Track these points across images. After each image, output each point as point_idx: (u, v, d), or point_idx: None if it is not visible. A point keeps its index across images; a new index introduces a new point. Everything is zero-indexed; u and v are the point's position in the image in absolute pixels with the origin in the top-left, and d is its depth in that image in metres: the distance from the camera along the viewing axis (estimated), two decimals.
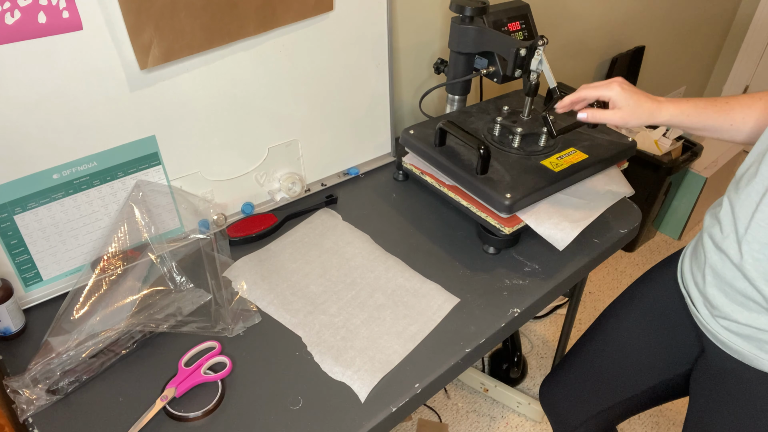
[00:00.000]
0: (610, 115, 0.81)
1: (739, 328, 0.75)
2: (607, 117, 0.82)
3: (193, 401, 0.79)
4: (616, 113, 0.81)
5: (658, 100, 0.82)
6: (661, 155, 1.95)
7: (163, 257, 0.93)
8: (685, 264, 0.86)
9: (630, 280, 2.03)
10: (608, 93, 0.82)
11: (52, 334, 0.83)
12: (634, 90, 0.83)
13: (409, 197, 1.17)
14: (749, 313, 0.73)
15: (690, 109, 0.81)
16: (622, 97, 0.81)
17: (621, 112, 0.81)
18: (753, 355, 0.75)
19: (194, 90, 0.94)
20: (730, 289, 0.75)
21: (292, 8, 0.97)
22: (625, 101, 0.81)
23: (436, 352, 0.85)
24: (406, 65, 1.36)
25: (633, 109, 0.81)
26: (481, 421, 1.57)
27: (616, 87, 0.82)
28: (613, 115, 0.81)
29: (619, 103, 0.81)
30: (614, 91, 0.81)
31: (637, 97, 0.82)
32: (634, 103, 0.81)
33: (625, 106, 0.81)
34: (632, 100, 0.81)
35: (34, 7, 0.73)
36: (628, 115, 0.81)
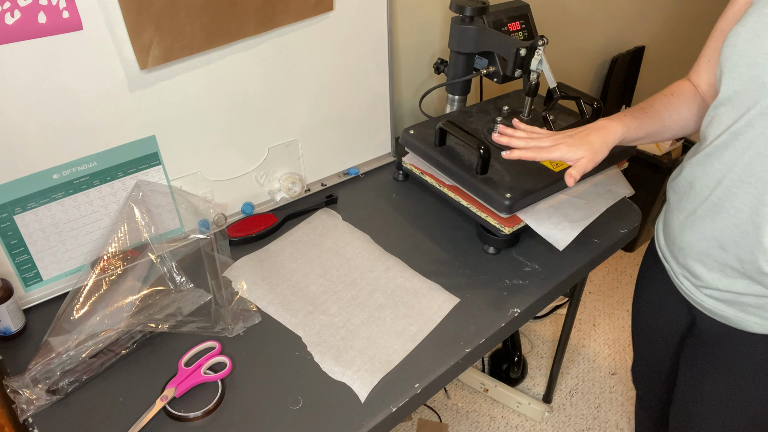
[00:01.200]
0: (583, 165, 0.83)
1: (721, 294, 0.80)
2: (582, 168, 0.83)
3: (193, 401, 0.79)
4: (584, 162, 0.82)
5: (603, 128, 0.84)
6: (661, 155, 1.95)
7: (163, 257, 0.93)
8: (661, 241, 0.91)
9: (630, 280, 2.03)
10: (559, 155, 0.83)
11: (52, 334, 0.83)
12: (578, 135, 0.84)
13: (409, 197, 1.17)
14: (728, 280, 0.77)
15: (632, 122, 0.85)
16: (573, 151, 0.82)
17: (585, 158, 0.82)
18: (737, 317, 0.79)
19: (194, 90, 0.94)
20: (707, 259, 0.79)
21: (292, 8, 0.97)
22: (580, 151, 0.82)
23: (436, 352, 0.85)
24: (406, 65, 1.36)
25: (592, 151, 0.83)
26: (481, 421, 1.57)
27: (563, 147, 0.83)
28: (585, 163, 0.83)
29: (575, 156, 0.82)
30: (563, 151, 0.82)
31: (586, 138, 0.83)
32: (588, 146, 0.83)
33: (583, 153, 0.82)
34: (585, 145, 0.83)
35: (34, 7, 0.73)
36: (593, 156, 0.83)
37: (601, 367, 1.73)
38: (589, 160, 0.82)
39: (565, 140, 0.84)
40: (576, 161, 0.83)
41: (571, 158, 0.83)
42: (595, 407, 1.61)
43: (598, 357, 1.76)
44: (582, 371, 1.71)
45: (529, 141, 0.86)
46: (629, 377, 1.69)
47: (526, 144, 0.85)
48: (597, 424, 1.57)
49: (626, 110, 0.88)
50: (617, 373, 1.71)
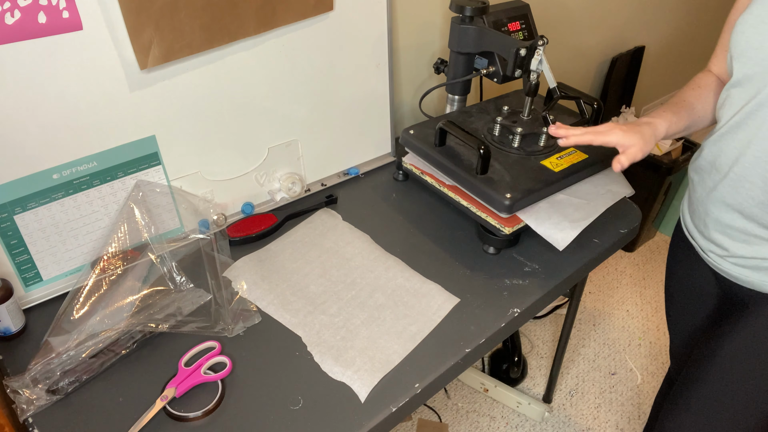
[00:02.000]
0: (633, 153, 0.86)
1: (746, 261, 0.85)
2: (632, 156, 0.86)
3: (193, 401, 0.79)
4: (635, 150, 0.86)
5: (650, 123, 0.89)
6: (661, 155, 1.95)
7: (163, 257, 0.93)
8: (687, 220, 0.97)
9: (630, 280, 2.03)
10: (614, 139, 0.87)
11: (52, 334, 0.83)
12: (630, 126, 0.88)
13: (409, 197, 1.17)
14: (752, 247, 0.83)
15: (673, 117, 0.90)
16: (627, 137, 0.86)
17: (637, 146, 0.86)
18: (761, 281, 0.85)
19: (194, 90, 0.94)
20: (731, 230, 0.85)
21: (292, 8, 0.97)
22: (632, 138, 0.86)
23: (436, 352, 0.85)
24: (406, 65, 1.36)
25: (643, 140, 0.86)
26: (481, 421, 1.57)
27: (617, 131, 0.87)
28: (635, 152, 0.86)
29: (628, 142, 0.86)
30: (618, 135, 0.86)
31: (637, 129, 0.88)
32: (639, 136, 0.87)
33: (635, 141, 0.86)
34: (637, 135, 0.87)
35: (34, 7, 0.73)
36: (644, 146, 0.86)
37: (601, 367, 1.73)
38: (639, 149, 0.86)
39: (620, 126, 0.88)
40: (627, 147, 0.86)
41: (624, 143, 0.86)
42: (595, 407, 1.61)
43: (598, 357, 1.76)
44: (582, 371, 1.71)
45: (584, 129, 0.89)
46: (629, 377, 1.69)
47: (582, 131, 0.89)
48: (597, 424, 1.57)
49: (663, 107, 0.93)
50: (617, 373, 1.71)
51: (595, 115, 1.09)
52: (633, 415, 1.60)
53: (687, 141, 2.06)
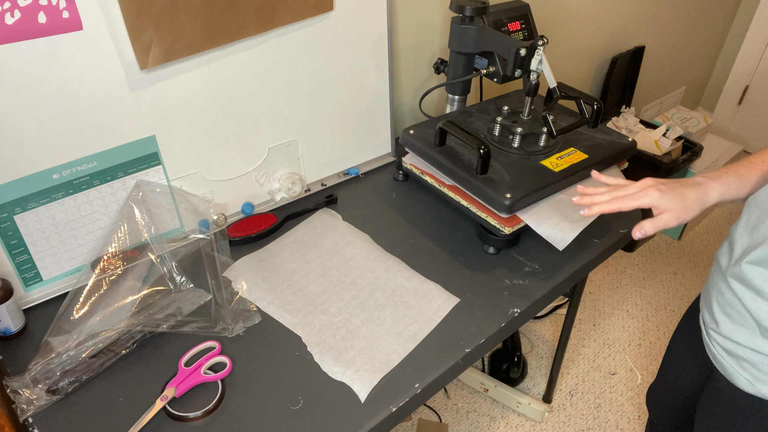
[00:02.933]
0: (665, 220, 0.75)
1: (723, 340, 0.78)
2: (662, 224, 0.75)
3: (193, 401, 0.79)
4: (669, 217, 0.75)
5: (700, 185, 0.76)
6: (661, 155, 1.95)
7: (163, 257, 0.93)
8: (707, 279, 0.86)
9: (630, 280, 2.03)
10: (648, 201, 0.75)
11: (52, 334, 0.83)
12: (671, 186, 0.76)
13: (409, 197, 1.17)
14: (733, 325, 0.75)
15: (734, 181, 0.77)
16: (664, 200, 0.75)
17: (673, 213, 0.75)
18: (732, 369, 0.77)
19: (194, 90, 0.94)
20: (721, 298, 0.77)
21: (292, 8, 0.97)
22: (670, 202, 0.75)
23: (436, 352, 0.85)
24: (406, 65, 1.36)
25: (683, 206, 0.75)
26: (481, 421, 1.57)
27: (653, 193, 0.75)
28: (668, 219, 0.75)
29: (664, 206, 0.75)
30: (653, 197, 0.75)
31: (680, 191, 0.76)
32: (680, 200, 0.75)
33: (673, 206, 0.75)
34: (677, 198, 0.75)
35: (34, 7, 0.73)
36: (681, 213, 0.75)
37: (601, 367, 1.73)
38: (675, 216, 0.74)
39: (657, 185, 0.76)
40: (662, 211, 0.75)
41: (660, 206, 0.75)
42: (595, 407, 1.61)
43: (598, 357, 1.76)
44: (582, 371, 1.71)
45: (614, 192, 0.79)
46: (629, 377, 1.69)
47: (612, 196, 0.78)
48: (597, 424, 1.57)
49: (730, 165, 0.79)
50: (617, 373, 1.71)
51: (595, 115, 1.09)
52: (633, 415, 1.60)
53: (687, 141, 2.06)
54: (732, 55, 2.67)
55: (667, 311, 1.91)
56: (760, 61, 2.56)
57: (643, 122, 2.11)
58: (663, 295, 1.97)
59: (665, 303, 1.95)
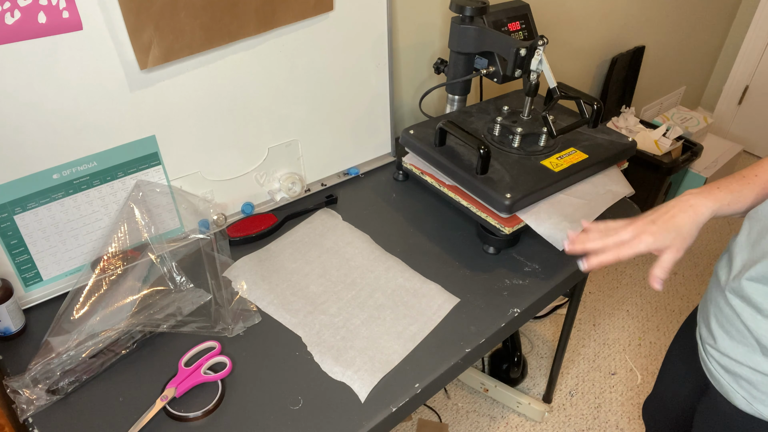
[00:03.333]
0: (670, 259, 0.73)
1: (721, 357, 0.76)
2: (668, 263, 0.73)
3: (193, 401, 0.79)
4: (671, 254, 0.73)
5: (691, 207, 0.74)
6: (661, 155, 1.95)
7: (163, 257, 0.93)
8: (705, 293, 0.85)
9: (630, 280, 2.03)
10: (644, 248, 0.73)
11: (52, 334, 0.83)
12: (662, 220, 0.74)
13: (409, 197, 1.17)
14: (731, 342, 0.73)
15: (726, 197, 0.75)
16: (659, 241, 0.73)
17: (673, 248, 0.73)
18: (729, 388, 0.75)
19: (194, 90, 0.94)
20: (720, 314, 0.75)
21: (292, 8, 0.97)
22: (666, 240, 0.73)
23: (436, 352, 0.85)
24: (406, 65, 1.36)
25: (681, 238, 0.73)
26: (481, 421, 1.57)
27: (647, 238, 0.73)
28: (672, 256, 0.73)
29: (662, 246, 0.73)
30: (648, 243, 0.73)
31: (671, 223, 0.73)
32: (675, 233, 0.73)
33: (670, 243, 0.73)
34: (670, 234, 0.73)
35: (34, 7, 0.73)
36: (681, 244, 0.73)
37: (601, 367, 1.73)
38: (677, 250, 0.72)
39: (647, 228, 0.74)
40: (662, 252, 0.73)
41: (658, 248, 0.73)
42: (595, 407, 1.61)
43: (598, 357, 1.76)
44: (582, 371, 1.71)
45: (606, 239, 0.76)
46: (629, 377, 1.69)
47: (604, 243, 0.76)
48: (597, 424, 1.57)
49: (723, 179, 0.77)
50: (617, 373, 1.71)
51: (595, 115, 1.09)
52: (633, 415, 1.59)
53: (687, 141, 2.06)
54: (732, 55, 2.67)
55: (667, 311, 1.91)
56: (760, 61, 2.56)
57: (643, 122, 2.11)
58: (663, 295, 1.97)
59: (665, 303, 1.95)
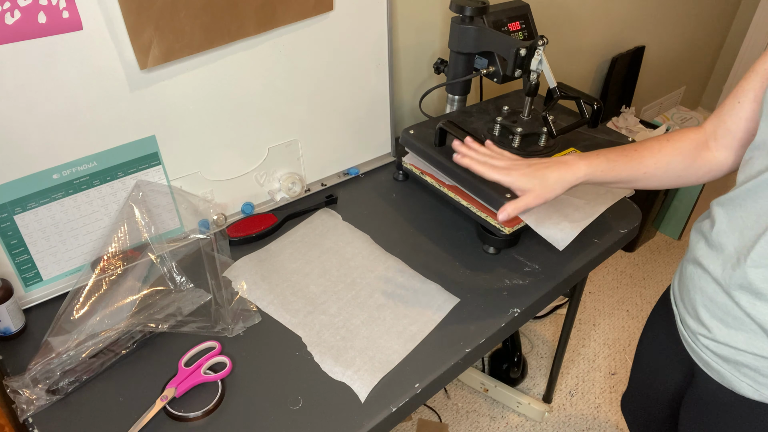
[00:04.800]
0: (526, 201, 0.77)
1: (718, 347, 0.75)
2: (523, 205, 0.77)
3: (193, 401, 0.79)
4: (529, 198, 0.77)
5: (564, 164, 0.78)
6: None
7: (163, 257, 0.93)
8: (675, 282, 0.86)
9: (630, 280, 2.03)
10: (507, 180, 0.77)
11: (52, 334, 0.83)
12: (536, 167, 0.78)
13: (409, 197, 1.17)
14: (728, 330, 0.73)
15: (602, 164, 0.79)
16: (523, 181, 0.77)
17: (532, 193, 0.77)
18: (731, 377, 0.75)
19: (194, 90, 0.94)
20: (711, 304, 0.75)
21: (292, 8, 0.97)
22: (529, 183, 0.77)
23: (436, 352, 0.85)
24: (406, 65, 1.36)
25: (542, 186, 0.77)
26: (481, 421, 1.57)
27: (515, 174, 0.77)
28: (529, 200, 0.77)
29: (523, 187, 0.77)
30: (513, 178, 0.77)
31: (541, 172, 0.78)
32: (539, 181, 0.77)
33: (531, 187, 0.77)
34: (537, 180, 0.77)
35: (34, 7, 0.73)
36: (540, 192, 0.77)
37: (601, 367, 1.73)
38: (536, 196, 0.76)
39: (520, 168, 0.79)
40: (523, 192, 0.77)
41: (518, 187, 0.77)
42: (595, 407, 1.61)
43: (598, 357, 1.76)
44: (582, 371, 1.71)
45: (487, 158, 0.81)
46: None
47: (482, 156, 0.82)
48: (597, 424, 1.57)
49: (606, 149, 0.82)
50: (617, 373, 1.71)
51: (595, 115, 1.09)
52: None
53: None
54: (732, 55, 2.67)
55: None
56: None
57: (643, 122, 2.11)
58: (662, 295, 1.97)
59: None
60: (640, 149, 0.81)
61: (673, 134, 0.82)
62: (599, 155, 0.80)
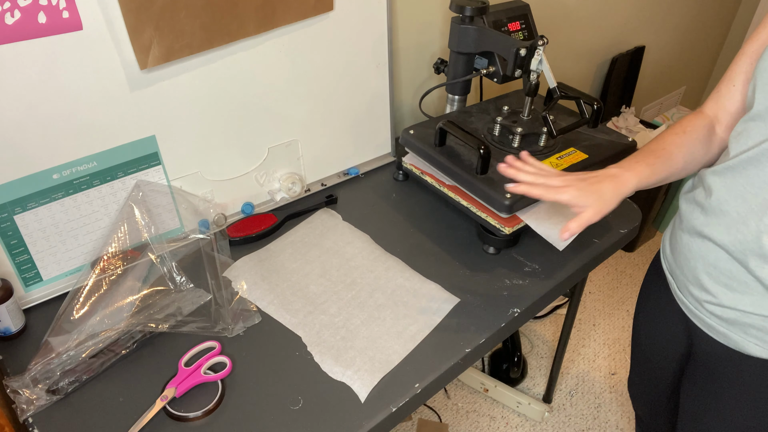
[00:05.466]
0: (587, 217, 0.76)
1: (723, 311, 0.77)
2: (585, 221, 0.76)
3: (193, 401, 0.79)
4: (590, 213, 0.76)
5: (615, 178, 0.79)
6: None
7: (163, 257, 0.93)
8: (668, 252, 0.88)
9: (630, 280, 2.03)
10: (566, 198, 0.77)
11: (52, 334, 0.83)
12: (590, 182, 0.78)
13: (409, 197, 1.17)
14: (733, 294, 0.75)
15: (645, 171, 0.80)
16: (582, 197, 0.77)
17: (592, 209, 0.76)
18: (738, 338, 0.77)
19: (194, 90, 0.94)
20: (714, 271, 0.76)
21: (292, 8, 0.97)
22: (588, 199, 0.77)
23: (436, 352, 0.85)
24: (406, 65, 1.36)
25: (601, 202, 0.77)
26: (481, 421, 1.57)
27: (572, 191, 0.77)
28: (590, 216, 0.76)
29: (582, 203, 0.77)
30: (572, 195, 0.77)
31: (597, 186, 0.78)
32: (597, 196, 0.77)
33: (591, 203, 0.77)
34: (595, 194, 0.77)
35: (34, 7, 0.73)
36: (601, 208, 0.77)
37: (601, 367, 1.73)
38: (596, 212, 0.76)
39: (575, 183, 0.78)
40: (581, 209, 0.77)
41: (578, 204, 0.77)
42: (595, 407, 1.61)
43: (598, 357, 1.76)
44: (582, 371, 1.71)
45: (538, 177, 0.80)
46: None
47: (534, 180, 0.80)
48: (597, 424, 1.57)
49: (637, 155, 0.82)
50: (617, 373, 1.71)
51: (595, 115, 1.09)
52: (633, 415, 1.59)
53: None
54: (732, 55, 2.67)
55: None
56: None
57: (643, 122, 2.11)
58: None
59: None
60: (667, 147, 0.82)
61: (682, 125, 0.84)
62: (639, 162, 0.80)
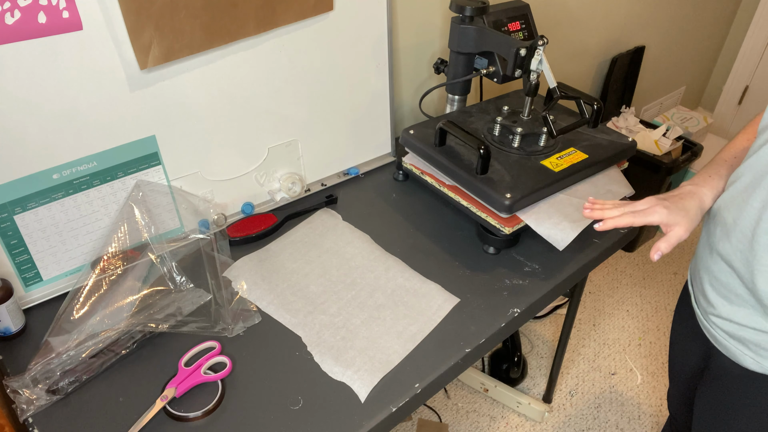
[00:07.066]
0: (678, 235, 0.78)
1: (723, 323, 0.79)
2: (676, 239, 0.78)
3: (193, 401, 0.79)
4: (680, 231, 0.78)
5: (694, 195, 0.80)
6: (661, 155, 1.95)
7: (163, 257, 0.93)
8: (692, 264, 0.90)
9: (630, 280, 2.03)
10: (657, 218, 0.78)
11: (52, 334, 0.83)
12: (673, 201, 0.80)
13: (409, 197, 1.17)
14: (731, 307, 0.76)
15: (720, 183, 0.81)
16: (672, 216, 0.78)
17: (682, 226, 0.78)
18: (737, 350, 0.78)
19: (194, 90, 0.94)
20: (716, 282, 0.78)
21: (291, 8, 0.97)
22: (677, 216, 0.78)
23: (436, 352, 0.85)
24: (406, 65, 1.36)
25: (689, 218, 0.79)
26: (481, 421, 1.57)
27: (661, 210, 0.79)
28: (680, 233, 0.78)
29: (672, 221, 0.78)
30: (662, 214, 0.78)
31: (681, 204, 0.79)
32: (685, 213, 0.79)
33: (680, 221, 0.78)
34: (680, 212, 0.79)
35: (34, 7, 0.73)
36: (689, 224, 0.78)
37: (601, 367, 1.73)
38: (686, 229, 0.78)
39: (659, 203, 0.80)
40: (671, 227, 0.78)
41: (669, 223, 0.78)
42: (595, 407, 1.61)
43: (598, 357, 1.76)
44: (582, 371, 1.71)
45: (622, 208, 0.81)
46: (629, 377, 1.69)
47: (621, 211, 0.81)
48: (597, 424, 1.57)
49: (709, 167, 0.83)
50: (617, 373, 1.71)
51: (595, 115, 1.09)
52: (633, 415, 1.60)
53: (687, 141, 2.06)
54: (732, 55, 2.67)
55: (667, 311, 1.91)
56: (760, 61, 2.56)
57: (643, 122, 2.11)
58: (663, 295, 1.97)
59: (665, 303, 1.95)
60: (739, 154, 0.82)
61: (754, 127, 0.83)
62: (711, 176, 0.82)
